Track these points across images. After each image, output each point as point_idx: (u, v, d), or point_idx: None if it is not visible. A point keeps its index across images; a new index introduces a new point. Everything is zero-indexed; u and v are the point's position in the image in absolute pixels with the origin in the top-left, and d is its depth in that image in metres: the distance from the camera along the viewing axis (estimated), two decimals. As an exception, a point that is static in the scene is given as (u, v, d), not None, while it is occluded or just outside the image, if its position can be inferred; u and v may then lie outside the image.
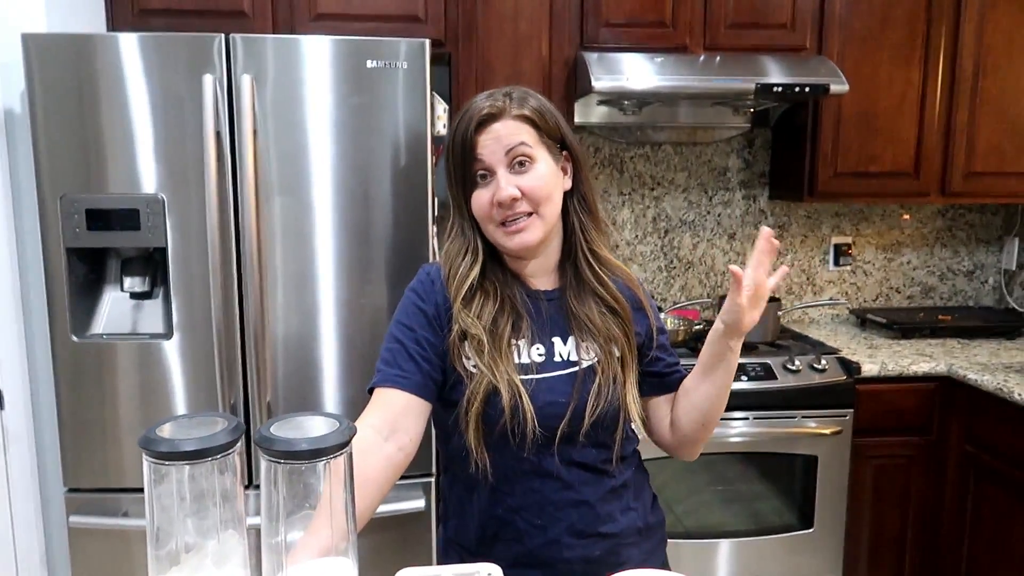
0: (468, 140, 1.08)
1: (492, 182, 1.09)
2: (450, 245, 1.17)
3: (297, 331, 1.86)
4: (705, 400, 1.15)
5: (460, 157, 1.10)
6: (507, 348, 1.09)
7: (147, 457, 0.75)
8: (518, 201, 1.08)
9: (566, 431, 1.09)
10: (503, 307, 1.12)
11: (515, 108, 1.10)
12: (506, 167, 1.09)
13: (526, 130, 1.10)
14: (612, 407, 1.11)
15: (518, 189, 1.08)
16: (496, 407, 1.07)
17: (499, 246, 1.13)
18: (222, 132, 1.76)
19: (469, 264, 1.13)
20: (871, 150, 2.53)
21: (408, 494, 1.93)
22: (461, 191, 1.12)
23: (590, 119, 2.68)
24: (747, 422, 2.25)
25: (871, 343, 2.59)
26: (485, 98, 1.11)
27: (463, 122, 1.09)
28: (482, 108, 1.09)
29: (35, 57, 1.72)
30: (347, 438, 0.77)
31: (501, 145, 1.08)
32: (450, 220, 1.17)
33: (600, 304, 1.16)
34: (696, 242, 2.89)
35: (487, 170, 1.09)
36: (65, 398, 1.83)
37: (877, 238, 2.96)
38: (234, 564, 0.80)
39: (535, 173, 1.09)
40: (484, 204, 1.10)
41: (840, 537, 2.34)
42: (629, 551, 1.17)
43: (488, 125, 1.08)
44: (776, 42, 2.44)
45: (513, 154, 1.08)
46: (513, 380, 1.07)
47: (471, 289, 1.12)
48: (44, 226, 1.77)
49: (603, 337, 1.13)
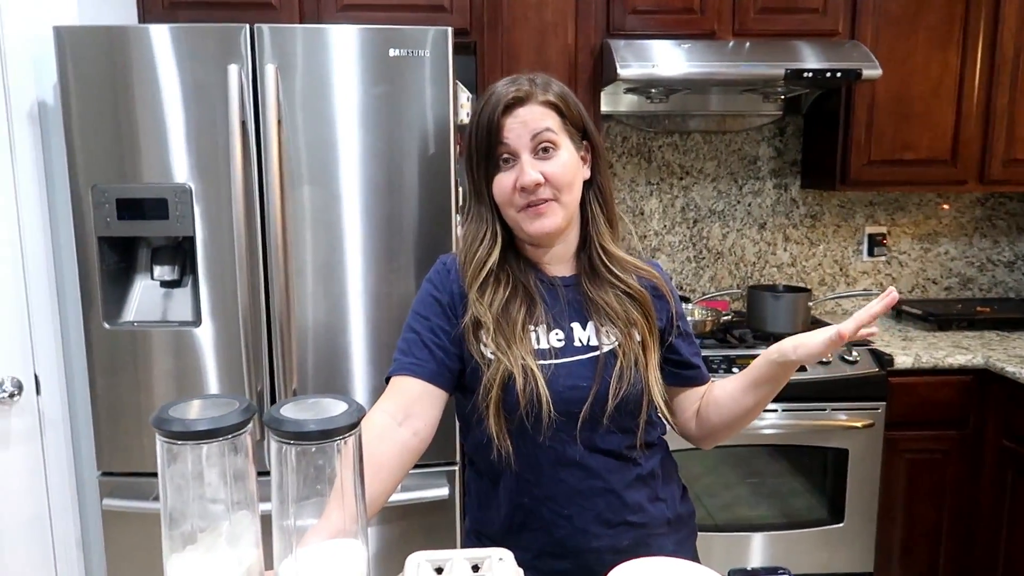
0: (494, 123, 1.08)
1: (515, 166, 1.09)
2: (467, 229, 1.16)
3: (323, 319, 1.88)
4: (743, 410, 1.16)
5: (485, 140, 1.09)
6: (522, 333, 1.09)
7: (160, 437, 0.76)
8: (541, 187, 1.08)
9: (588, 416, 1.09)
10: (515, 293, 1.12)
11: (541, 93, 1.09)
12: (530, 152, 1.08)
13: (551, 116, 1.10)
14: (635, 390, 1.11)
15: (541, 175, 1.08)
16: (513, 393, 1.06)
17: (519, 231, 1.13)
18: (247, 122, 1.78)
19: (487, 249, 1.13)
20: (906, 137, 2.47)
21: (432, 482, 1.94)
22: (483, 174, 1.12)
23: (618, 108, 2.66)
24: (777, 414, 2.22)
25: (906, 335, 2.54)
26: (509, 83, 1.10)
27: (489, 105, 1.09)
28: (509, 92, 1.08)
29: (67, 49, 1.76)
30: (356, 419, 0.77)
31: (527, 130, 1.08)
32: (467, 204, 1.17)
33: (617, 290, 1.15)
34: (726, 232, 2.85)
35: (511, 154, 1.09)
36: (98, 384, 1.87)
37: (913, 228, 2.89)
38: (247, 544, 0.81)
39: (559, 159, 1.09)
40: (506, 188, 1.10)
41: (872, 531, 2.30)
42: (659, 541, 1.16)
43: (514, 109, 1.08)
44: (807, 27, 2.39)
45: (538, 139, 1.08)
46: (528, 365, 1.07)
47: (487, 276, 1.12)
48: (77, 215, 1.81)
49: (622, 321, 1.13)
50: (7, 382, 1.79)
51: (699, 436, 1.23)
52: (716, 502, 2.29)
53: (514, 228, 1.14)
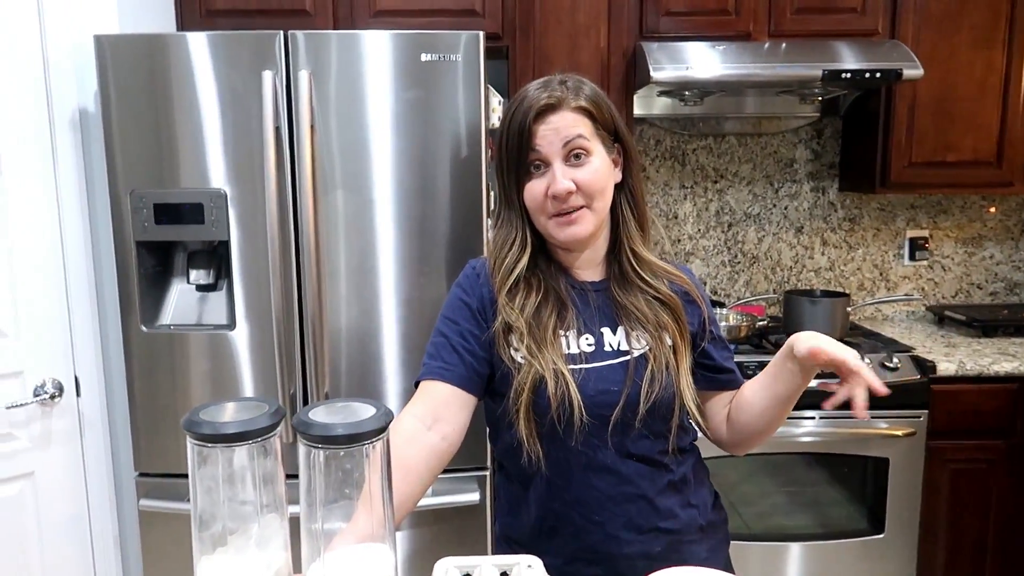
0: (526, 130, 1.07)
1: (546, 173, 1.08)
2: (497, 234, 1.16)
3: (355, 323, 1.89)
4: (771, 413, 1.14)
5: (516, 146, 1.08)
6: (552, 338, 1.08)
7: (191, 439, 0.77)
8: (573, 194, 1.07)
9: (619, 420, 1.08)
10: (547, 298, 1.11)
11: (573, 99, 1.08)
12: (562, 159, 1.07)
13: (584, 122, 1.08)
14: (667, 394, 1.10)
15: (573, 182, 1.07)
16: (544, 396, 1.06)
17: (549, 237, 1.13)
18: (281, 127, 1.80)
19: (516, 255, 1.12)
20: (949, 138, 2.41)
21: (463, 487, 1.94)
22: (513, 180, 1.11)
23: (651, 111, 2.64)
24: (815, 422, 2.17)
25: (949, 341, 2.47)
26: (541, 87, 1.09)
27: (520, 111, 1.08)
28: (540, 98, 1.07)
29: (108, 57, 1.79)
30: (384, 424, 0.77)
31: (559, 137, 1.07)
32: (497, 209, 1.17)
33: (647, 295, 1.14)
34: (761, 236, 2.81)
35: (543, 161, 1.08)
36: (136, 386, 1.90)
37: (957, 231, 2.82)
38: (276, 547, 0.81)
39: (590, 167, 1.08)
40: (538, 195, 1.09)
41: (914, 543, 2.24)
42: (691, 548, 1.15)
43: (547, 116, 1.07)
44: (846, 27, 2.35)
45: (570, 146, 1.07)
46: (560, 369, 1.06)
47: (517, 280, 1.11)
48: (116, 220, 1.85)
49: (653, 325, 1.12)
50: (49, 383, 1.83)
51: (731, 441, 1.21)
52: (752, 511, 2.25)
53: (544, 234, 1.13)
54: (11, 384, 1.78)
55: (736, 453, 1.23)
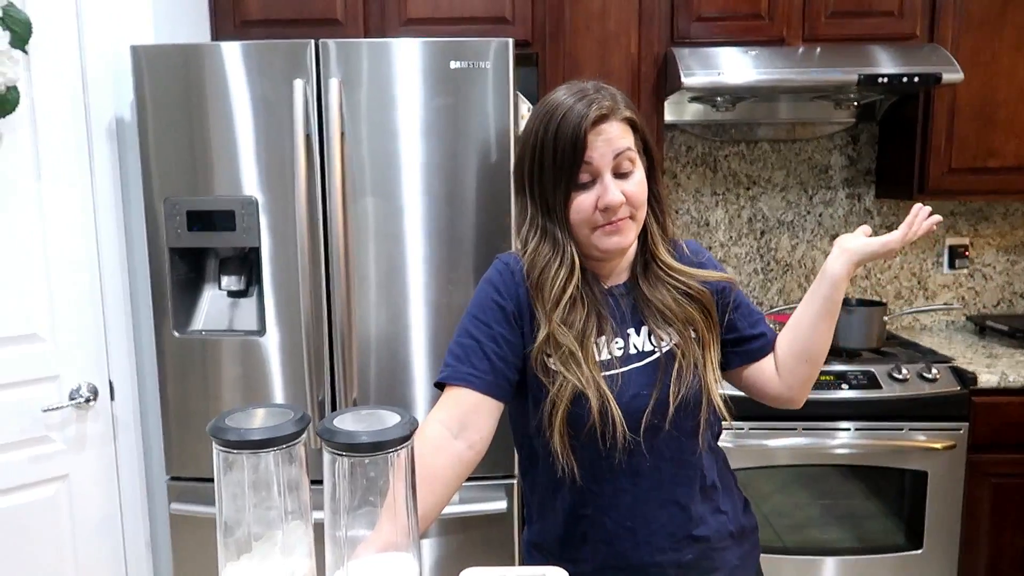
0: (581, 140, 1.03)
1: (594, 186, 1.06)
2: (537, 249, 1.10)
3: (384, 329, 1.89)
4: (816, 332, 1.14)
5: (570, 157, 1.04)
6: (592, 349, 1.07)
7: (216, 445, 0.77)
8: (623, 207, 1.06)
9: (651, 420, 1.06)
10: (590, 311, 1.09)
11: (620, 110, 1.06)
12: (611, 171, 1.05)
13: (630, 134, 1.07)
14: (694, 390, 1.08)
15: (623, 194, 1.05)
16: (583, 408, 1.04)
17: (591, 248, 1.09)
18: (312, 135, 1.81)
19: (566, 275, 1.07)
20: (990, 144, 2.34)
21: (491, 495, 1.92)
22: (562, 193, 1.06)
23: (682, 117, 2.61)
24: (850, 433, 2.12)
25: (991, 352, 2.40)
26: (578, 95, 1.05)
27: (571, 121, 1.03)
28: (591, 108, 1.03)
29: (144, 67, 1.82)
30: (409, 432, 0.76)
31: (611, 148, 1.05)
32: (529, 222, 1.11)
33: (673, 290, 1.12)
34: (795, 243, 2.76)
35: (593, 173, 1.05)
36: (168, 391, 1.93)
37: (999, 239, 2.74)
38: (300, 555, 0.80)
39: (636, 179, 1.07)
40: (587, 208, 1.06)
41: (954, 560, 2.17)
42: (723, 556, 1.14)
43: (599, 126, 1.04)
44: (882, 30, 2.30)
45: (620, 159, 1.05)
46: (600, 384, 1.04)
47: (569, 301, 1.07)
48: (150, 227, 1.87)
49: (680, 321, 1.10)
50: (83, 387, 1.86)
51: (787, 390, 1.17)
52: (786, 523, 2.20)
53: (585, 245, 1.10)
54: (47, 387, 1.81)
55: (795, 402, 1.18)
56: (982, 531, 2.19)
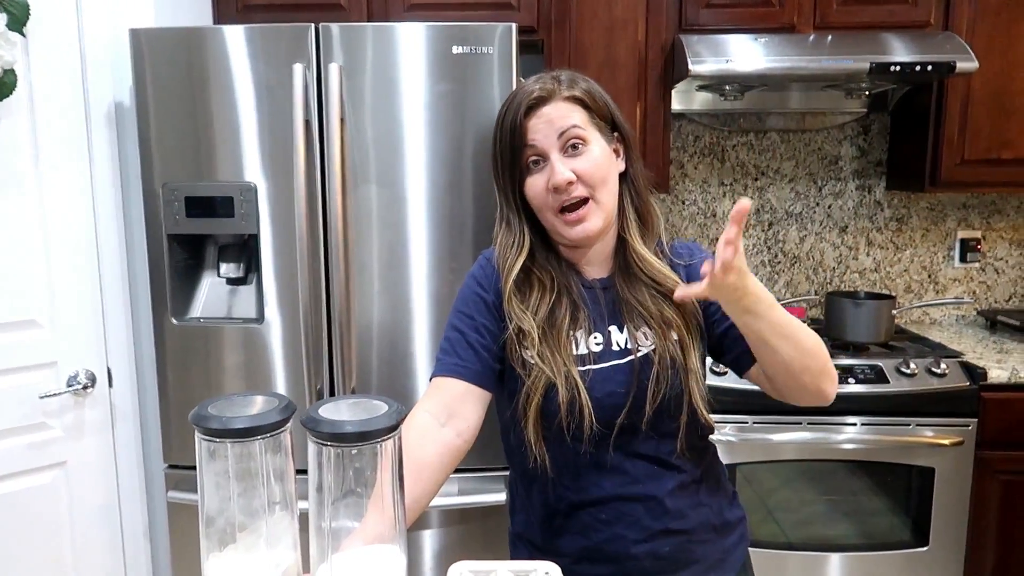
0: (517, 125, 1.05)
1: (545, 167, 1.06)
2: (501, 237, 1.14)
3: (384, 318, 1.87)
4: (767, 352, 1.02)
5: (510, 144, 1.07)
6: (565, 340, 1.06)
7: (199, 433, 0.75)
8: (573, 185, 1.04)
9: (626, 422, 1.05)
10: (560, 298, 1.09)
11: (564, 90, 1.06)
12: (559, 151, 1.05)
13: (577, 111, 1.06)
14: (674, 393, 1.06)
15: (573, 172, 1.04)
16: (554, 401, 1.04)
17: (559, 236, 1.10)
18: (312, 121, 1.79)
19: (515, 256, 1.10)
20: (1005, 134, 2.30)
21: (490, 486, 1.90)
22: (509, 180, 1.10)
23: (690, 106, 2.58)
24: (857, 428, 2.09)
25: (1001, 347, 2.36)
26: (533, 82, 1.08)
27: (511, 107, 1.07)
28: (531, 91, 1.06)
29: (144, 51, 1.80)
30: (396, 421, 0.74)
31: (553, 128, 1.05)
32: (499, 212, 1.15)
33: (651, 289, 1.10)
34: (803, 235, 2.72)
35: (540, 155, 1.06)
36: (166, 378, 1.91)
37: (1012, 232, 2.69)
38: (285, 546, 0.79)
39: (589, 155, 1.06)
40: (540, 190, 1.07)
41: (960, 557, 2.14)
42: (703, 549, 1.12)
43: (538, 109, 1.05)
44: (895, 18, 2.25)
45: (566, 137, 1.05)
46: (571, 373, 1.04)
47: (519, 282, 1.09)
48: (149, 213, 1.85)
49: (657, 321, 1.07)
50: (82, 374, 1.85)
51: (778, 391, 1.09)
52: (791, 518, 2.17)
53: (553, 232, 1.10)
54: (45, 374, 1.80)
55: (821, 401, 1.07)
56: (990, 529, 2.15)
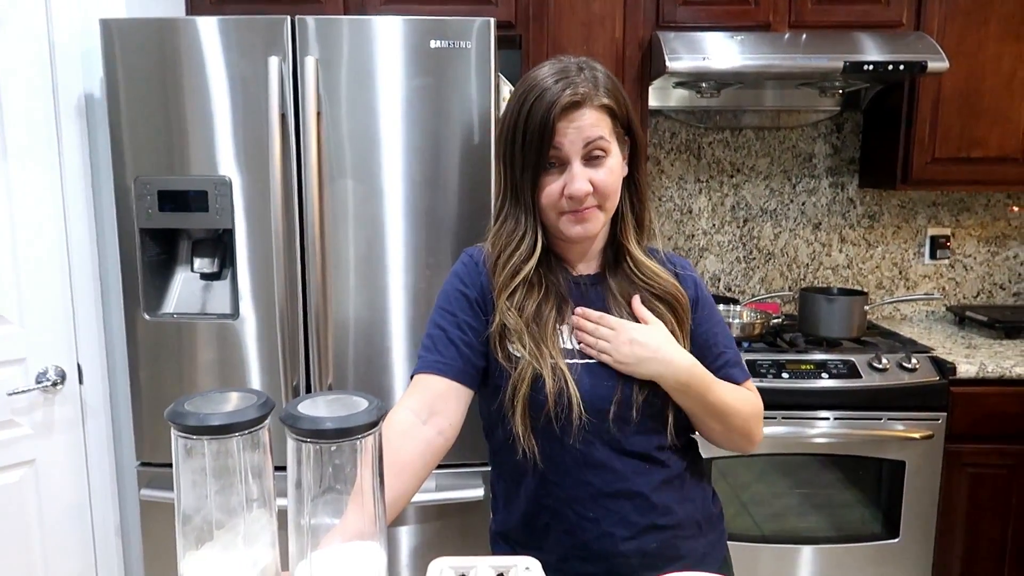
0: (549, 126, 1.02)
1: (563, 172, 1.05)
2: (500, 228, 1.11)
3: (361, 314, 1.86)
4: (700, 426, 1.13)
5: (537, 141, 1.03)
6: (552, 333, 1.06)
7: (175, 431, 0.74)
8: (589, 195, 1.04)
9: (615, 416, 1.05)
10: (547, 295, 1.09)
11: (596, 96, 1.04)
12: (581, 159, 1.04)
13: (606, 122, 1.05)
14: (661, 389, 1.07)
15: (590, 183, 1.04)
16: (542, 392, 1.03)
17: (557, 233, 1.10)
18: (287, 114, 1.77)
19: (524, 256, 1.08)
20: (974, 133, 2.34)
21: (467, 482, 1.90)
22: (529, 177, 1.06)
23: (667, 103, 2.59)
24: (829, 423, 2.12)
25: (970, 342, 2.41)
26: (558, 76, 1.04)
27: (542, 105, 1.02)
28: (565, 93, 1.02)
29: (115, 42, 1.77)
30: (376, 418, 0.74)
31: (581, 136, 1.03)
32: (500, 199, 1.12)
33: (641, 285, 1.12)
34: (778, 232, 2.75)
35: (562, 159, 1.05)
36: (139, 374, 1.88)
37: (980, 230, 2.75)
38: (263, 544, 0.78)
39: (607, 167, 1.05)
40: (554, 194, 1.06)
41: (929, 549, 2.18)
42: (688, 544, 1.12)
43: (571, 113, 1.03)
44: (869, 18, 2.28)
45: (591, 147, 1.04)
46: (559, 365, 1.04)
47: (522, 283, 1.08)
48: (120, 208, 1.82)
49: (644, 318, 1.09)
50: (51, 371, 1.81)
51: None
52: (763, 511, 2.20)
53: (552, 229, 1.10)
54: (13, 371, 1.77)
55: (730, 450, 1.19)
56: (958, 520, 2.20)
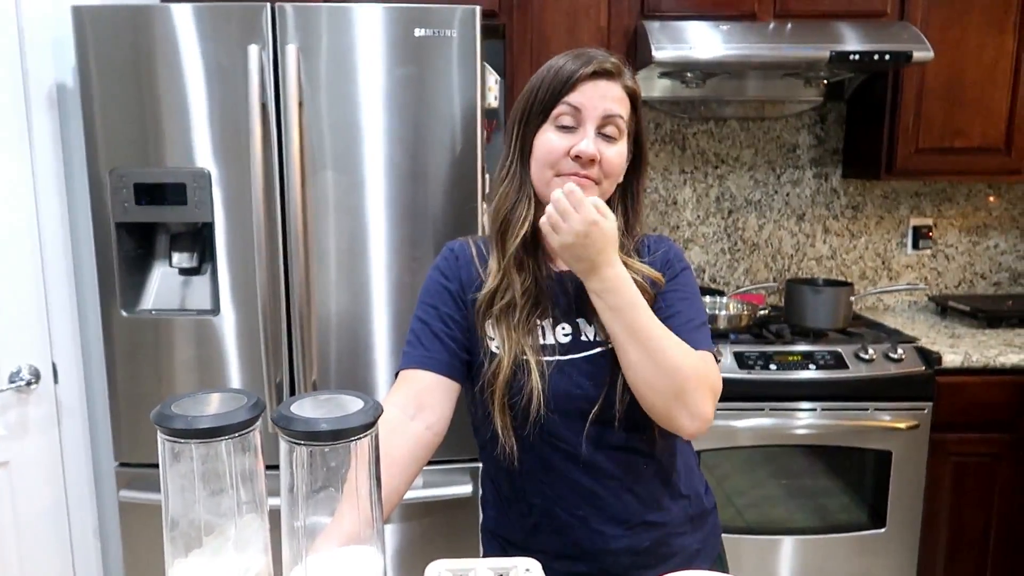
0: (574, 77, 1.00)
1: (572, 132, 1.01)
2: (506, 193, 1.06)
3: (344, 308, 1.82)
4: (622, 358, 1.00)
5: (558, 90, 1.00)
6: (527, 326, 1.04)
7: (162, 434, 0.71)
8: (594, 163, 1.01)
9: (599, 414, 1.03)
10: (531, 288, 1.05)
11: (628, 79, 1.03)
12: (595, 128, 1.01)
13: (626, 106, 1.04)
14: None
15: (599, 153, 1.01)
16: (517, 387, 1.02)
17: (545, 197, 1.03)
18: (268, 104, 1.72)
19: (523, 213, 1.04)
20: (957, 124, 2.35)
21: (455, 479, 1.88)
22: (535, 125, 1.03)
23: (651, 93, 2.57)
24: (815, 413, 2.12)
25: (953, 332, 2.42)
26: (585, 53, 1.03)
27: (575, 62, 1.01)
28: (604, 59, 1.01)
29: (87, 30, 1.71)
30: (372, 418, 0.71)
31: (603, 104, 1.01)
32: (502, 166, 1.08)
33: None
34: (762, 223, 2.75)
35: (574, 120, 1.01)
36: (116, 373, 1.83)
37: (961, 220, 2.76)
38: (255, 550, 0.75)
39: (616, 149, 1.03)
40: (556, 149, 1.01)
41: (915, 538, 2.19)
42: (681, 540, 1.11)
43: (599, 79, 1.01)
44: (853, 8, 2.28)
45: (608, 121, 1.01)
46: (529, 360, 1.01)
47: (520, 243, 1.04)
48: (95, 201, 1.77)
49: None
50: (25, 370, 1.76)
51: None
52: (747, 502, 2.20)
53: (541, 193, 1.04)
54: (-15, 370, 1.71)
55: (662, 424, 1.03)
56: (943, 510, 2.21)
